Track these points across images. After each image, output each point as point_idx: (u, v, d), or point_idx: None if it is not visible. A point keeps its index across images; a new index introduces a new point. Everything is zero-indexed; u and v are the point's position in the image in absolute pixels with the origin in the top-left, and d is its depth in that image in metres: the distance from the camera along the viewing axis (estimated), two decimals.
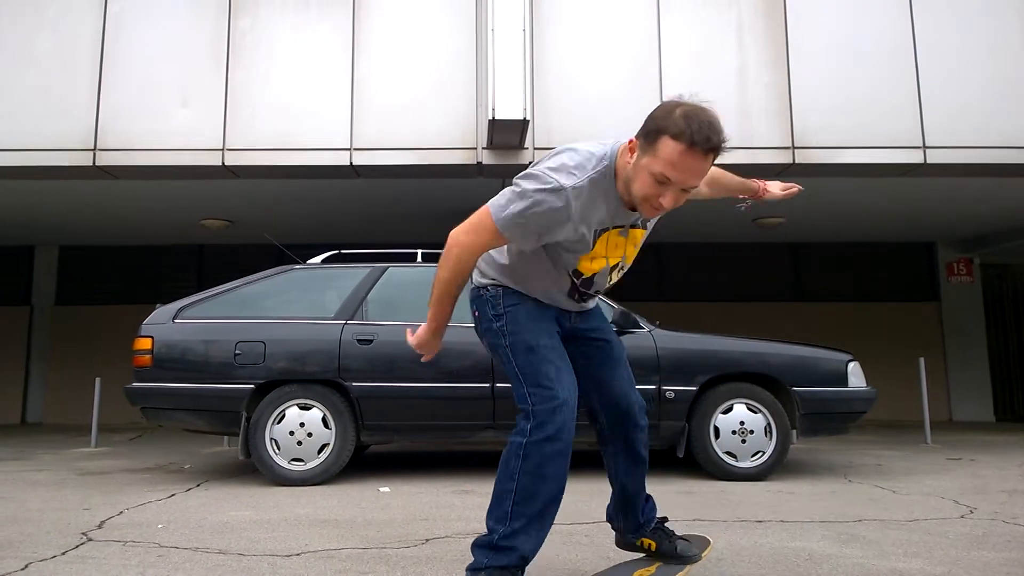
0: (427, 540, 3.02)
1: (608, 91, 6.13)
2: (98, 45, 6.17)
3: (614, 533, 2.43)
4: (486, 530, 1.99)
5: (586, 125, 6.09)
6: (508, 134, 5.80)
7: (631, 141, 1.90)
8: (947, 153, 6.07)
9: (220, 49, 6.19)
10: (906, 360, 8.67)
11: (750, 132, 6.07)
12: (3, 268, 10.43)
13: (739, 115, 6.07)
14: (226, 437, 6.63)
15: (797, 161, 6.04)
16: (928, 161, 6.06)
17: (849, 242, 10.24)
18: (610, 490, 2.35)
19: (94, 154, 6.07)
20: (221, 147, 6.09)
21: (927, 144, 6.07)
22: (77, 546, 2.93)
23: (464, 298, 2.12)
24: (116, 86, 6.15)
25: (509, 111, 5.53)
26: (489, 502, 2.01)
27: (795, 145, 6.04)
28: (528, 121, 5.66)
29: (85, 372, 9.18)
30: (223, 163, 6.09)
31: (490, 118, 5.58)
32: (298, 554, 2.79)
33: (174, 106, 6.13)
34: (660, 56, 6.17)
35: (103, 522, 3.40)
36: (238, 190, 7.20)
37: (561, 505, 1.99)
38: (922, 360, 7.22)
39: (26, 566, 2.63)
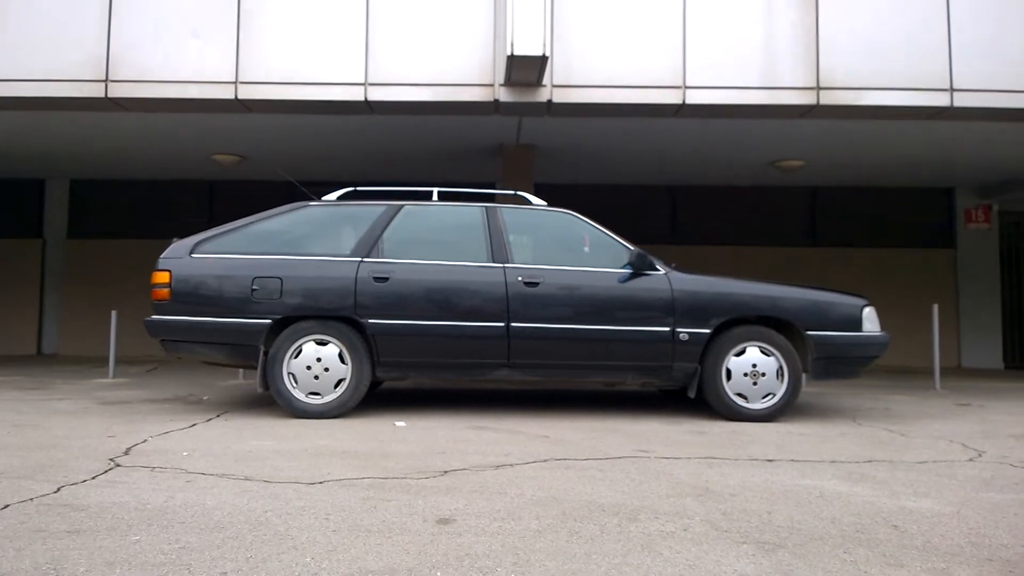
0: (445, 472, 3.09)
1: (629, 27, 5.96)
2: None
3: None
4: None
5: (606, 62, 5.95)
6: (526, 71, 5.67)
7: None
8: (975, 96, 5.91)
9: None
10: (918, 306, 8.67)
11: (774, 72, 5.91)
12: (15, 201, 10.46)
13: (764, 54, 5.91)
14: (241, 370, 6.75)
15: (821, 102, 5.90)
16: (955, 104, 5.91)
17: (866, 187, 10.11)
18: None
19: (106, 85, 5.99)
20: (234, 80, 6.00)
21: (954, 87, 5.92)
22: (106, 471, 3.02)
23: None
24: (127, 16, 6.02)
25: (528, 47, 5.39)
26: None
27: (820, 86, 5.89)
28: (547, 58, 5.52)
29: (98, 304, 9.31)
30: (236, 96, 6.00)
31: (508, 54, 5.45)
32: (321, 482, 2.87)
33: (185, 37, 6.02)
34: None
35: (129, 449, 3.49)
36: (251, 124, 7.13)
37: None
38: (935, 307, 7.21)
39: (58, 489, 2.71)
